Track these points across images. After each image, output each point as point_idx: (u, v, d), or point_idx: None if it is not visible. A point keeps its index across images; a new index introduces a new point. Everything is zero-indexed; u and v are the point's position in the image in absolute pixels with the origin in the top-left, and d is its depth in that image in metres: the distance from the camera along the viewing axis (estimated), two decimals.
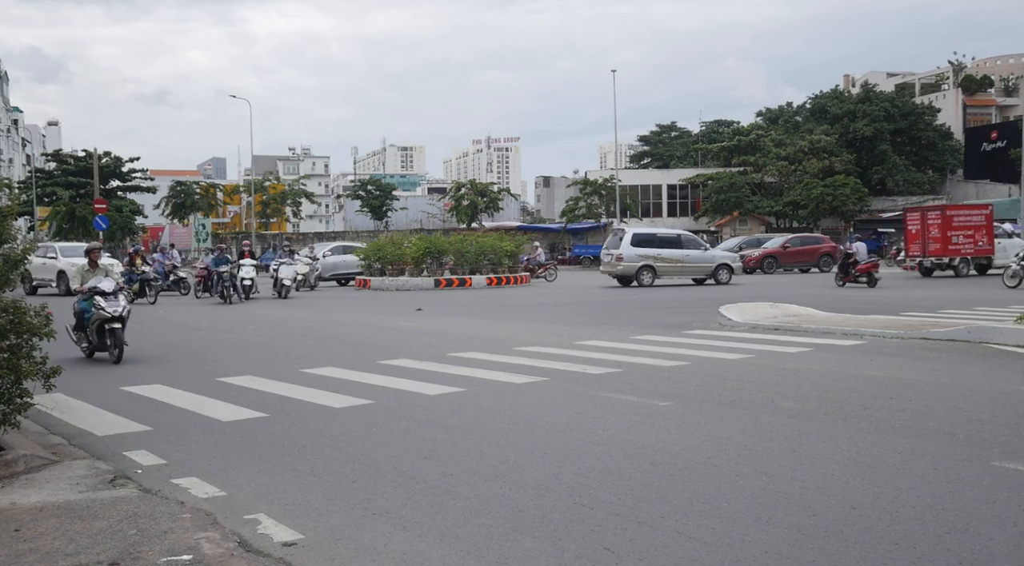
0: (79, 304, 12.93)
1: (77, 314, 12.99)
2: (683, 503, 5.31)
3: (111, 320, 12.42)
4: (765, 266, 39.57)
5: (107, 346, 12.61)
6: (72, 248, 34.42)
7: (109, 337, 12.52)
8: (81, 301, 12.87)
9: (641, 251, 29.59)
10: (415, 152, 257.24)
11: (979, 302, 19.46)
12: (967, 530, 4.72)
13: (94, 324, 12.58)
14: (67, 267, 30.83)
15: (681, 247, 30.43)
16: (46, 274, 32.25)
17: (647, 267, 29.58)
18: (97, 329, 12.61)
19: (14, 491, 5.81)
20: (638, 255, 29.43)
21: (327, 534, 4.90)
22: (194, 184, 74.93)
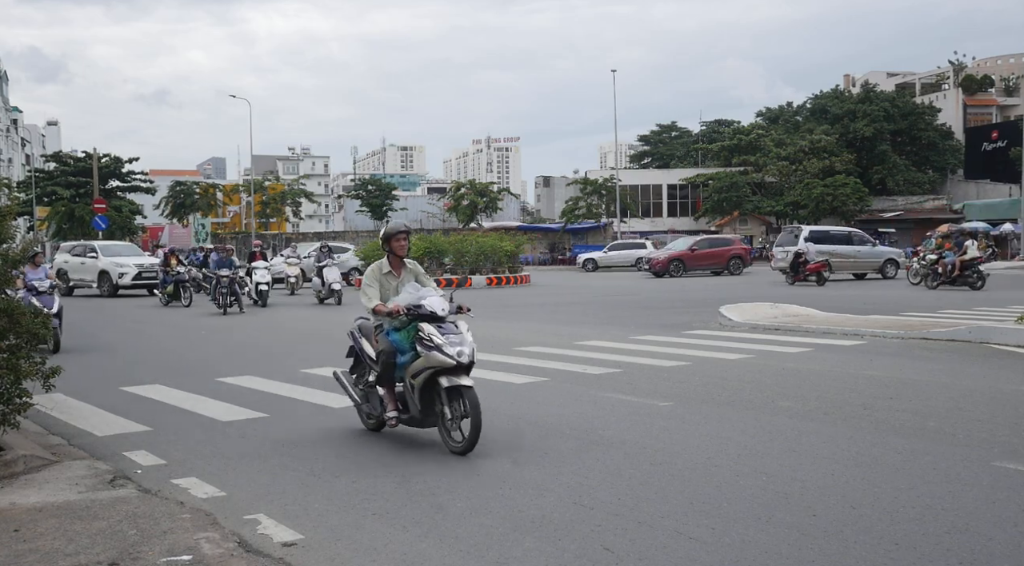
0: None
1: None
2: (683, 503, 5.30)
3: None
4: (672, 269, 37.45)
5: None
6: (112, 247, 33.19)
7: None
8: None
9: (819, 247, 30.82)
10: (415, 152, 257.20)
11: (978, 302, 19.45)
12: (967, 530, 4.72)
13: None
14: (110, 267, 30.09)
15: (852, 243, 32.60)
16: (85, 274, 31.10)
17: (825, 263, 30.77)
18: None
19: (14, 491, 5.81)
20: (817, 251, 30.38)
21: (327, 534, 4.90)
22: (194, 184, 74.94)
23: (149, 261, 30.57)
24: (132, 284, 29.76)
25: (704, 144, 72.82)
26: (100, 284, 30.22)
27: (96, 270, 30.41)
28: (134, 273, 29.70)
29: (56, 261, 32.30)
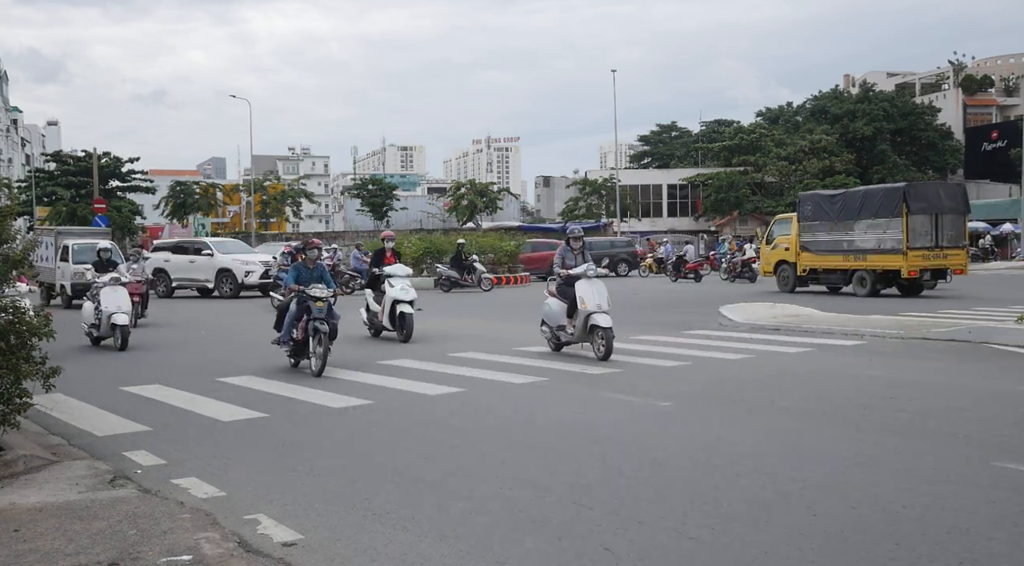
0: None
1: None
2: (683, 503, 5.30)
3: None
4: None
5: None
6: (225, 243, 30.47)
7: None
8: None
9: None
10: (415, 152, 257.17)
11: (978, 302, 19.45)
12: (967, 530, 4.71)
13: None
14: (234, 265, 27.59)
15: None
16: (195, 273, 28.38)
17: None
18: None
19: (14, 491, 5.81)
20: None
21: (327, 534, 4.89)
22: (194, 184, 74.88)
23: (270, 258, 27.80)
24: (258, 284, 27.08)
25: (704, 144, 72.82)
26: (220, 284, 27.51)
27: (213, 269, 27.74)
28: (261, 271, 27.00)
29: (153, 259, 28.94)
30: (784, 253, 25.23)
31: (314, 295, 10.77)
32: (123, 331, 13.91)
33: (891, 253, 21.94)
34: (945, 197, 22.89)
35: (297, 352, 11.21)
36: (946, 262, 22.32)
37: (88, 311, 14.78)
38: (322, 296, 10.80)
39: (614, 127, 57.81)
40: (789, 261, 24.93)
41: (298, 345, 11.09)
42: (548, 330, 12.36)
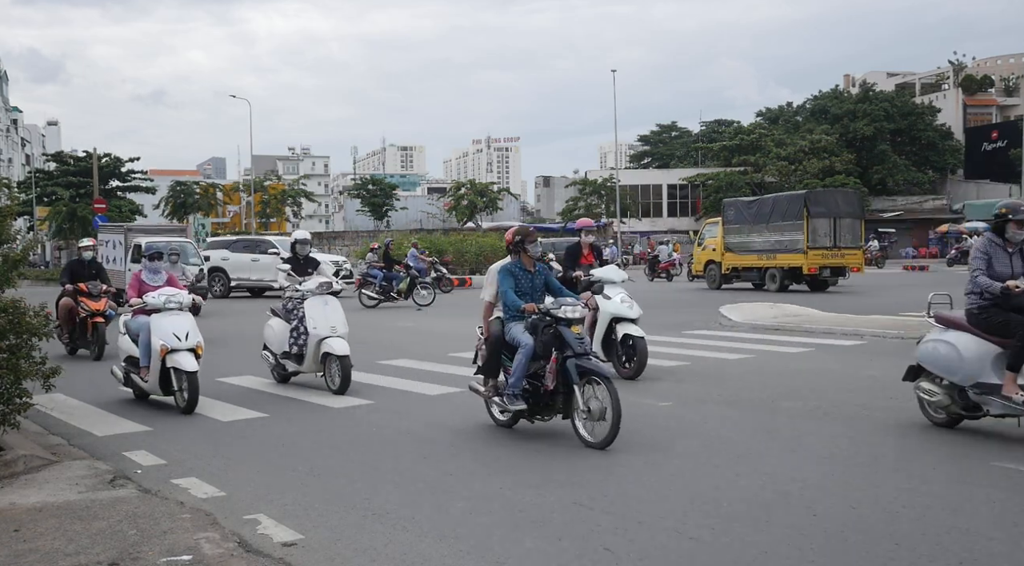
0: None
1: None
2: (683, 503, 5.30)
3: None
4: None
5: None
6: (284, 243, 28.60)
7: None
8: None
9: None
10: (415, 152, 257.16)
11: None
12: (967, 530, 4.72)
13: None
14: None
15: None
16: (259, 273, 26.97)
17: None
18: None
19: (14, 491, 5.80)
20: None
21: (327, 534, 4.89)
22: (194, 184, 74.85)
23: (342, 258, 27.57)
24: None
25: (704, 144, 72.82)
26: None
27: None
28: (332, 271, 26.65)
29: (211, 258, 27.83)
30: (712, 253, 27.80)
31: (568, 317, 6.89)
32: (344, 366, 9.23)
33: (795, 252, 24.59)
34: (843, 203, 25.56)
35: (535, 409, 7.15)
36: (844, 261, 24.85)
37: (277, 332, 10.07)
38: (577, 318, 6.94)
39: (614, 127, 57.77)
40: (716, 260, 27.53)
41: (542, 397, 7.03)
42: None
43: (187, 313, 8.82)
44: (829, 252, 24.51)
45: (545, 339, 6.89)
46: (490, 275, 7.89)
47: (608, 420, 6.50)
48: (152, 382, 8.67)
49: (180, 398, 8.50)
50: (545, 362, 6.91)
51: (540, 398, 6.99)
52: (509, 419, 7.40)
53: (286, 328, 9.89)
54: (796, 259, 24.52)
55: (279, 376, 10.18)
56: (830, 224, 24.84)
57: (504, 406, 7.17)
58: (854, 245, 25.33)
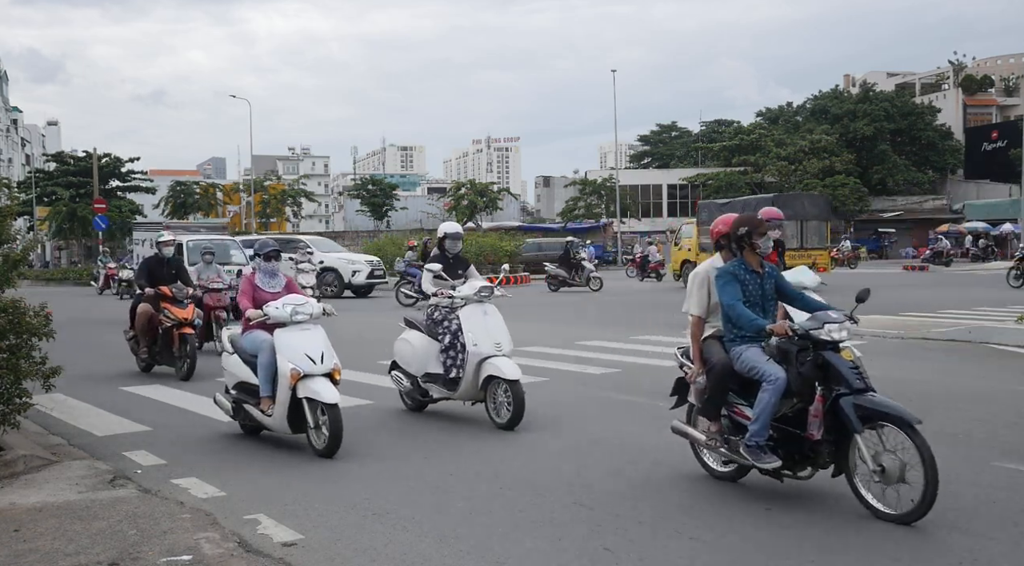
0: None
1: None
2: (683, 503, 5.30)
3: None
4: None
5: None
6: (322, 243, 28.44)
7: None
8: None
9: None
10: (415, 152, 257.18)
11: (978, 302, 19.46)
12: (967, 530, 4.71)
13: None
14: (340, 264, 26.36)
15: None
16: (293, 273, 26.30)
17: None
18: None
19: (14, 491, 5.81)
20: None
21: (327, 534, 4.89)
22: (194, 184, 74.88)
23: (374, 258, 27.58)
24: (365, 284, 26.31)
25: (704, 144, 72.80)
26: (321, 284, 25.53)
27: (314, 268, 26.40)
28: (367, 271, 26.31)
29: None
30: (687, 253, 28.61)
31: (834, 339, 5.24)
32: (516, 394, 7.46)
33: None
34: (810, 206, 26.97)
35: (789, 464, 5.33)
36: (811, 261, 25.08)
37: (417, 349, 8.19)
38: (845, 338, 5.36)
39: (614, 127, 57.81)
40: (691, 260, 28.09)
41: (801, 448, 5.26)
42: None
43: (319, 327, 7.00)
44: (797, 253, 25.24)
45: (805, 370, 5.13)
46: (696, 280, 5.87)
47: (914, 483, 4.76)
48: (278, 417, 6.80)
49: (316, 437, 6.65)
50: (801, 401, 5.19)
51: (797, 448, 5.21)
52: (733, 471, 5.75)
53: (430, 345, 8.03)
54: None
55: (413, 402, 8.38)
56: (797, 226, 25.98)
57: (742, 459, 5.36)
58: (820, 246, 26.74)
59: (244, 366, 7.24)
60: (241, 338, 7.35)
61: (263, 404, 6.94)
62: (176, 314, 10.90)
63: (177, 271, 11.65)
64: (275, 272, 7.64)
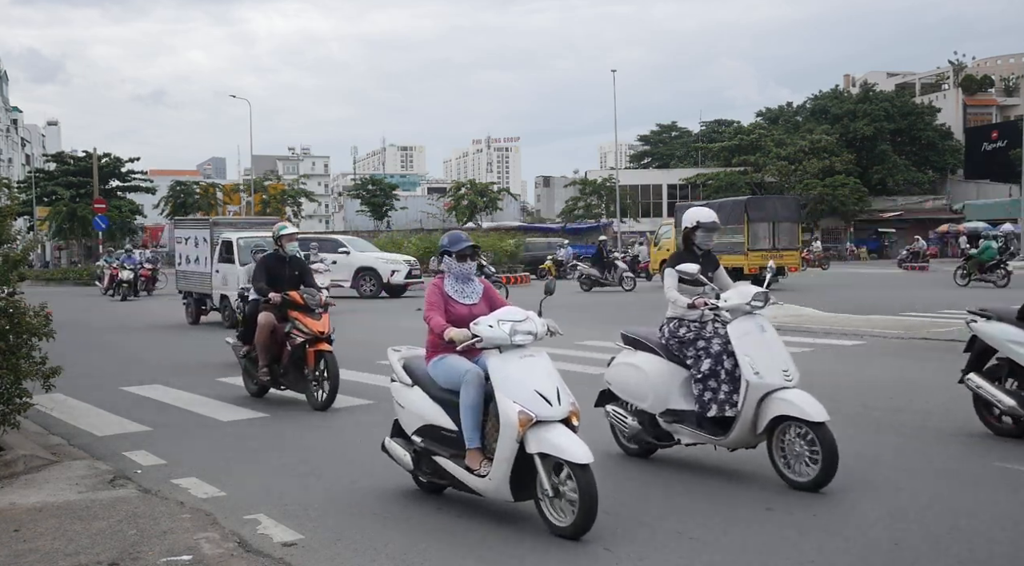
0: None
1: None
2: (683, 503, 5.30)
3: None
4: None
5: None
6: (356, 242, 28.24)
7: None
8: None
9: None
10: (415, 152, 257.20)
11: (976, 302, 19.45)
12: (967, 530, 4.72)
13: None
14: (378, 263, 25.95)
15: None
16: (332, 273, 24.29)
17: None
18: None
19: (14, 491, 5.81)
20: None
21: (327, 534, 4.89)
22: (194, 184, 74.91)
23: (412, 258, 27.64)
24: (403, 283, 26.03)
25: (704, 144, 72.79)
26: (358, 284, 25.60)
27: (351, 268, 25.79)
28: (406, 271, 26.07)
29: None
30: (665, 254, 28.66)
31: None
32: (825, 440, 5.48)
33: (737, 254, 26.23)
34: (781, 208, 28.12)
35: None
36: (782, 261, 26.55)
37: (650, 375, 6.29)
38: None
39: (614, 127, 57.77)
40: None
41: None
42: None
43: (543, 353, 5.13)
44: (768, 253, 26.04)
45: None
46: None
47: None
48: (497, 479, 4.88)
49: (553, 509, 4.79)
50: None
51: None
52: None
53: (673, 372, 6.20)
54: (738, 260, 26.07)
55: (640, 447, 6.54)
56: (769, 228, 27.21)
57: None
58: (791, 247, 28.05)
59: (432, 404, 5.40)
60: (428, 366, 5.53)
61: (470, 460, 5.06)
62: (310, 326, 8.73)
63: (301, 273, 9.32)
64: (470, 276, 5.80)
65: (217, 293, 18.03)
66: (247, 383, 9.53)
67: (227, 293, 17.24)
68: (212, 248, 18.65)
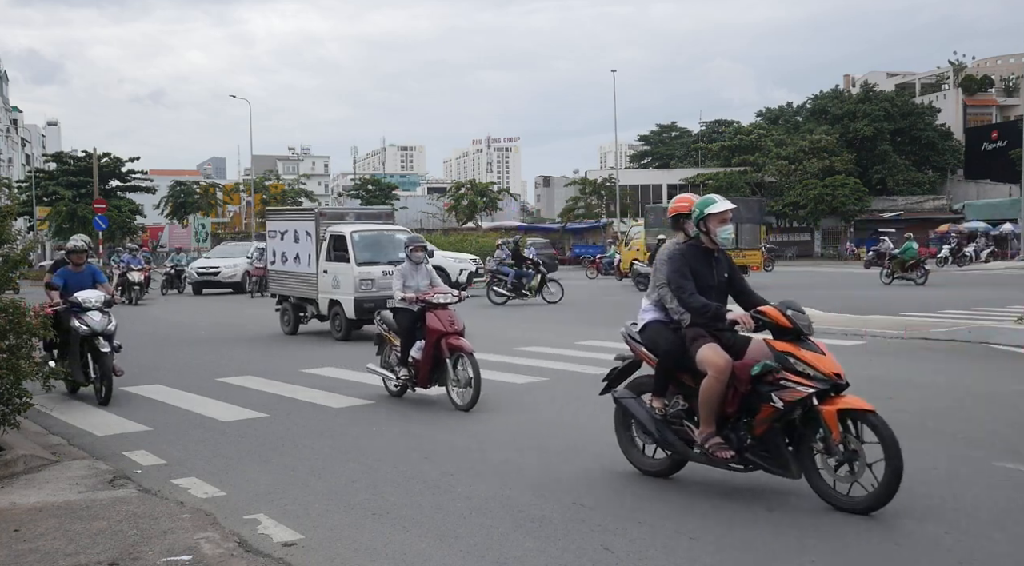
0: None
1: None
2: (683, 503, 5.30)
3: None
4: None
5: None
6: None
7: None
8: None
9: None
10: (415, 152, 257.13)
11: (976, 302, 19.46)
12: (967, 530, 4.72)
13: None
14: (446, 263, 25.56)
15: None
16: None
17: None
18: None
19: (14, 491, 5.81)
20: None
21: (327, 534, 4.90)
22: (194, 184, 74.89)
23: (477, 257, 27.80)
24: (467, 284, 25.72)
25: (704, 144, 72.78)
26: None
27: None
28: (472, 269, 26.58)
29: None
30: (636, 253, 30.26)
31: None
32: None
33: None
34: (744, 210, 28.57)
35: None
36: (745, 261, 27.68)
37: None
38: None
39: (614, 127, 57.94)
40: (640, 259, 29.15)
41: None
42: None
43: None
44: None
45: None
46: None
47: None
48: None
49: None
50: None
51: None
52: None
53: None
54: None
55: None
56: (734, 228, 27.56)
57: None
58: (754, 247, 29.49)
59: None
60: None
61: None
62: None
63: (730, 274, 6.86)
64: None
65: (324, 298, 15.16)
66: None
67: (339, 298, 14.75)
68: (317, 244, 15.53)
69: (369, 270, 14.44)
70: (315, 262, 15.44)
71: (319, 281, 15.27)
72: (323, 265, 15.18)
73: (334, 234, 15.11)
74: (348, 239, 14.74)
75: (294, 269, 16.15)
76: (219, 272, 30.35)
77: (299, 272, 15.98)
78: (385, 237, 15.28)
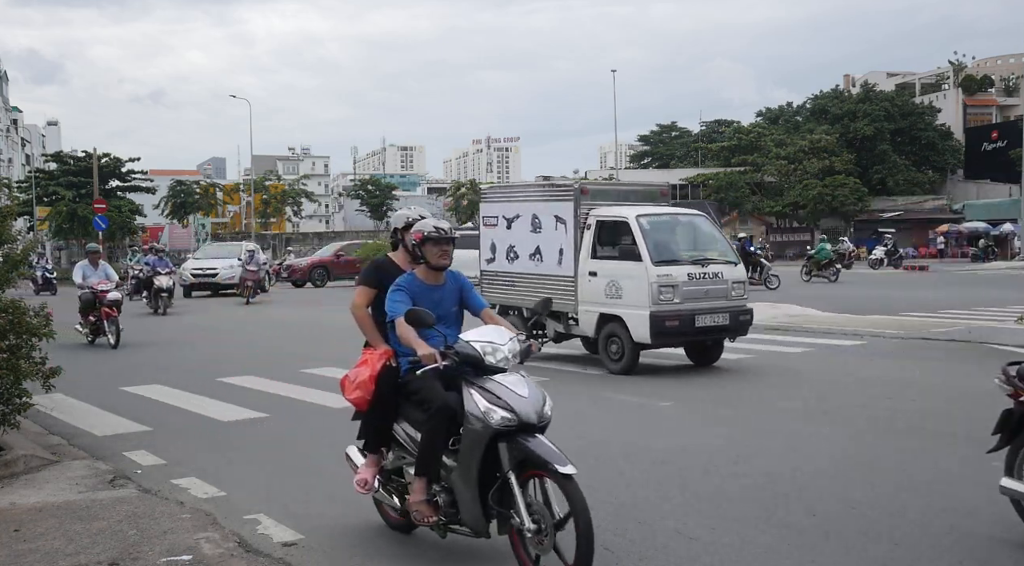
0: None
1: None
2: (683, 503, 5.30)
3: None
4: (315, 277, 32.79)
5: None
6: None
7: None
8: None
9: None
10: (415, 152, 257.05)
11: (976, 302, 19.45)
12: (967, 530, 4.71)
13: None
14: None
15: None
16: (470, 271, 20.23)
17: None
18: None
19: (14, 491, 5.81)
20: None
21: (327, 534, 4.89)
22: (194, 184, 74.90)
23: None
24: None
25: (704, 144, 72.78)
26: None
27: None
28: None
29: None
30: None
31: None
32: None
33: None
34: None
35: None
36: None
37: None
38: None
39: (614, 127, 58.01)
40: None
41: None
42: None
43: None
44: None
45: None
46: None
47: None
48: None
49: None
50: None
51: None
52: None
53: None
54: None
55: None
56: None
57: None
58: None
59: None
60: None
61: None
62: None
63: None
64: None
65: (591, 312, 10.85)
66: None
67: (619, 312, 10.46)
68: (577, 233, 11.05)
69: (669, 271, 10.23)
70: (572, 260, 11.00)
71: (580, 287, 10.93)
72: (589, 264, 10.86)
73: (605, 219, 10.88)
74: (635, 226, 10.41)
75: (532, 270, 11.60)
76: (217, 274, 28.56)
77: (541, 274, 11.45)
78: (683, 224, 11.39)
